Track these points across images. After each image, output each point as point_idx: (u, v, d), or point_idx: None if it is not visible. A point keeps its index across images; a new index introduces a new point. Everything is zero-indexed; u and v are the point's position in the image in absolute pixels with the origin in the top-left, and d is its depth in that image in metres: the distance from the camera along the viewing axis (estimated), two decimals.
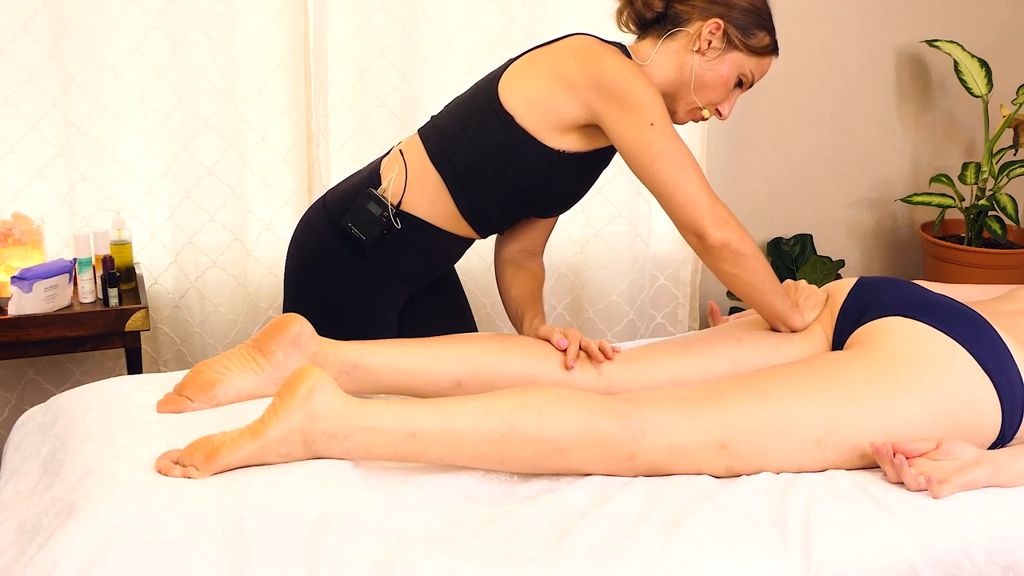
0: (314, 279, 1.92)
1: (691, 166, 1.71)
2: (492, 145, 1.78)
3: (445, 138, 1.83)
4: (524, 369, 1.70)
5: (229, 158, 2.62)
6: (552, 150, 1.77)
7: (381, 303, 1.92)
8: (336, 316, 1.88)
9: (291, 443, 1.42)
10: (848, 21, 3.25)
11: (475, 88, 1.86)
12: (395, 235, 1.85)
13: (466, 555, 1.30)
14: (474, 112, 1.81)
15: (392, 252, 1.87)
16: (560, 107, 1.74)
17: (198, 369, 1.66)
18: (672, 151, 1.70)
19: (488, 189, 1.82)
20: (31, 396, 2.65)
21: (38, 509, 1.37)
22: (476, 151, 1.79)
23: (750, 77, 1.80)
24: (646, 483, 1.48)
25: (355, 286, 1.88)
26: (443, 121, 1.87)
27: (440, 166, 1.82)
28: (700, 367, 1.74)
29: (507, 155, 1.78)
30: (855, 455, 1.53)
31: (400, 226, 1.84)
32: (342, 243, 1.87)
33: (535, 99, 1.75)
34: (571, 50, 1.77)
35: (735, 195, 3.27)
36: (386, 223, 1.83)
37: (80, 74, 2.46)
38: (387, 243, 1.86)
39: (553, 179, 1.81)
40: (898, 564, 1.34)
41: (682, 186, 1.70)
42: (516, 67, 1.81)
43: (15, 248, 2.39)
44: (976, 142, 3.53)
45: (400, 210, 1.84)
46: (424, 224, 1.85)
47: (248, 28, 2.56)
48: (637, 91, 1.70)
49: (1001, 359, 1.58)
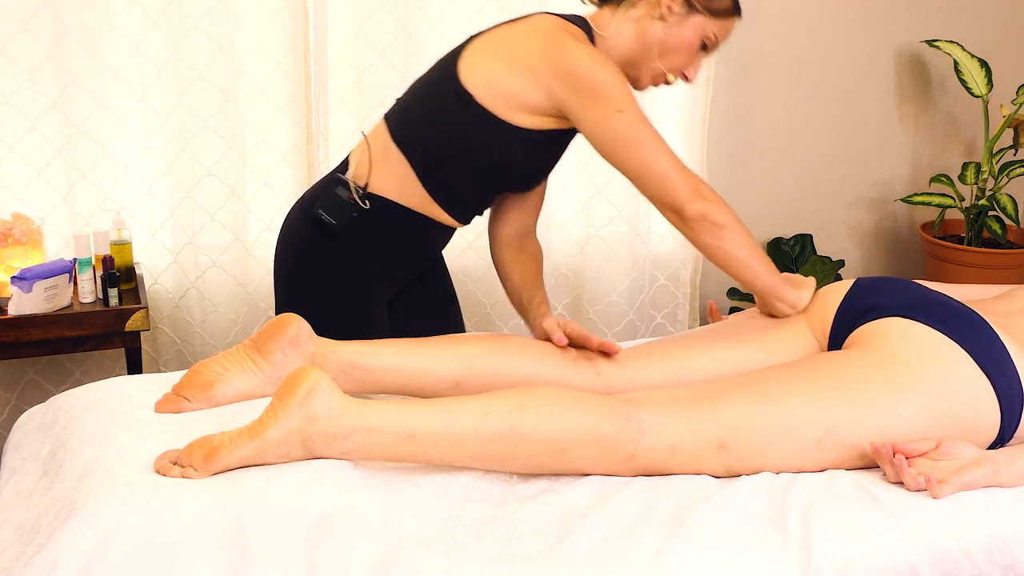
0: (299, 276, 1.91)
1: (660, 146, 1.71)
2: (452, 123, 1.78)
3: (406, 118, 1.84)
4: (523, 369, 1.70)
5: (229, 158, 2.62)
6: (514, 127, 1.76)
7: (367, 292, 1.91)
8: (325, 310, 1.87)
9: (290, 444, 1.42)
10: (848, 21, 3.25)
11: (435, 67, 1.86)
12: (368, 218, 1.84)
13: (466, 555, 1.30)
14: (434, 92, 1.81)
15: (369, 237, 1.86)
16: (522, 92, 1.73)
17: (196, 369, 1.66)
18: (641, 135, 1.70)
19: (451, 168, 1.81)
20: (31, 396, 2.65)
21: (38, 509, 1.37)
22: (436, 131, 1.79)
23: (714, 40, 1.79)
24: (646, 483, 1.48)
25: (338, 276, 1.88)
26: (404, 101, 1.87)
27: (403, 147, 1.82)
28: (699, 367, 1.74)
29: (468, 134, 1.77)
30: (855, 455, 1.53)
31: (369, 207, 1.83)
32: (317, 233, 1.87)
33: (496, 82, 1.74)
34: (533, 34, 1.75)
35: (735, 195, 3.27)
36: (354, 205, 1.82)
37: (80, 74, 2.46)
38: (361, 227, 1.85)
39: (516, 156, 1.80)
40: (898, 564, 1.34)
41: (653, 167, 1.70)
42: (476, 47, 1.79)
43: (15, 248, 2.39)
44: (976, 142, 3.53)
45: (368, 192, 1.83)
46: (395, 206, 1.84)
47: (248, 28, 2.56)
48: (602, 78, 1.69)
49: (1000, 359, 1.58)
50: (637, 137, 1.70)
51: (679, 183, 1.70)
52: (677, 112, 3.02)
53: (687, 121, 3.03)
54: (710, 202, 1.70)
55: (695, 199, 1.70)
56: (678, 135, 3.05)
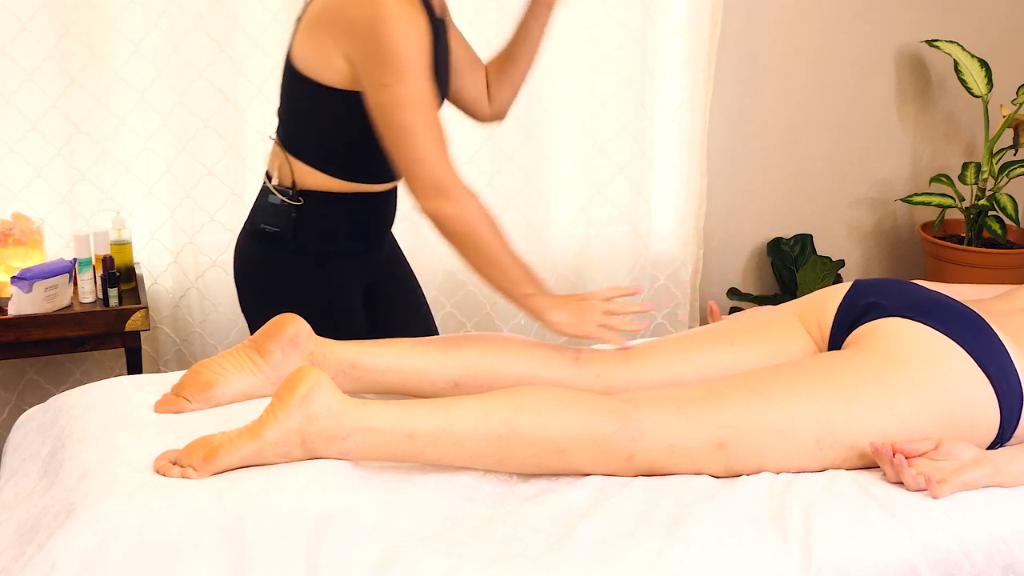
0: (264, 293, 1.90)
1: (419, 133, 1.64)
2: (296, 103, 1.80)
3: (279, 119, 1.87)
4: (523, 370, 1.70)
5: (229, 158, 2.62)
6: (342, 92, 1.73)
7: (335, 287, 1.90)
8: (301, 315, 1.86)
9: (289, 444, 1.42)
10: (848, 21, 3.25)
11: None
12: (307, 215, 1.84)
13: (466, 555, 1.30)
14: (282, 84, 1.83)
15: (316, 232, 1.85)
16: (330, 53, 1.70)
17: (196, 369, 1.66)
18: (399, 118, 1.64)
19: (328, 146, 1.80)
20: (31, 396, 2.65)
21: (37, 509, 1.37)
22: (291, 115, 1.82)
23: None
24: (646, 483, 1.48)
25: (302, 280, 1.87)
26: None
27: (286, 145, 1.84)
28: (699, 367, 1.73)
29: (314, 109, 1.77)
30: (854, 455, 1.53)
31: (303, 202, 1.83)
32: (268, 246, 1.87)
33: (312, 50, 1.72)
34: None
35: (735, 195, 3.27)
36: (290, 206, 1.83)
37: (80, 74, 2.46)
38: (305, 225, 1.84)
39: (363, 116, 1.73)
40: (898, 564, 1.34)
41: (402, 152, 1.66)
42: (300, 24, 1.77)
43: (15, 248, 2.39)
44: (976, 142, 3.53)
45: (298, 190, 1.83)
46: (324, 194, 1.84)
47: (248, 28, 2.56)
48: (386, 41, 1.61)
49: (999, 358, 1.58)
50: (396, 120, 1.65)
51: (422, 179, 1.65)
52: (677, 112, 3.02)
53: (687, 121, 3.03)
54: (450, 203, 1.65)
55: (432, 198, 1.65)
56: (678, 135, 3.05)
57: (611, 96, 2.91)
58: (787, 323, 1.80)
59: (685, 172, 3.07)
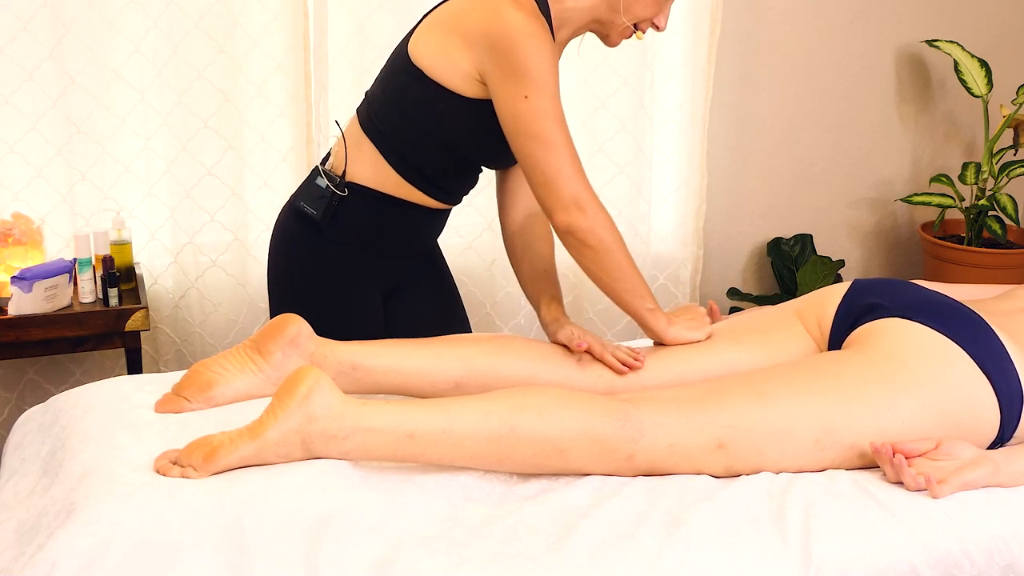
0: (291, 274, 1.92)
1: (557, 146, 1.66)
2: (409, 102, 1.78)
3: (371, 104, 1.85)
4: (523, 370, 1.70)
5: (229, 158, 2.62)
6: (466, 99, 1.74)
7: (358, 281, 1.90)
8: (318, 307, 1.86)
9: (290, 444, 1.42)
10: (848, 21, 3.25)
11: (392, 54, 1.87)
12: (351, 207, 1.84)
13: (466, 555, 1.30)
14: (391, 74, 1.82)
15: (353, 226, 1.86)
16: (458, 59, 1.71)
17: (196, 369, 1.66)
18: (541, 129, 1.66)
19: (417, 148, 1.81)
20: (31, 396, 2.65)
21: (37, 509, 1.37)
22: (397, 111, 1.79)
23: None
24: (646, 483, 1.48)
25: (326, 268, 1.88)
26: (370, 90, 1.88)
27: (369, 131, 1.83)
28: (699, 367, 1.74)
29: (425, 109, 1.77)
30: (854, 455, 1.53)
31: (347, 194, 1.83)
32: (303, 226, 1.88)
33: (438, 52, 1.73)
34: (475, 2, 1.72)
35: (735, 195, 3.27)
36: (333, 194, 1.83)
37: (80, 74, 2.46)
38: (345, 217, 1.85)
39: (475, 127, 1.77)
40: (898, 564, 1.34)
41: (540, 165, 1.66)
42: (424, 24, 1.80)
43: (15, 248, 2.39)
44: (976, 142, 3.53)
45: (345, 180, 1.84)
46: (374, 192, 1.84)
47: (248, 28, 2.56)
48: (524, 56, 1.64)
49: (999, 358, 1.58)
50: (535, 129, 1.66)
51: (560, 191, 1.66)
52: (677, 112, 3.02)
53: (687, 121, 3.03)
54: (587, 217, 1.66)
55: (570, 211, 1.66)
56: (678, 135, 3.05)
57: (611, 96, 2.91)
58: (787, 322, 1.80)
59: (685, 172, 3.07)
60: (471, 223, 2.88)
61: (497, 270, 2.93)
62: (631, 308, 1.75)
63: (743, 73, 3.16)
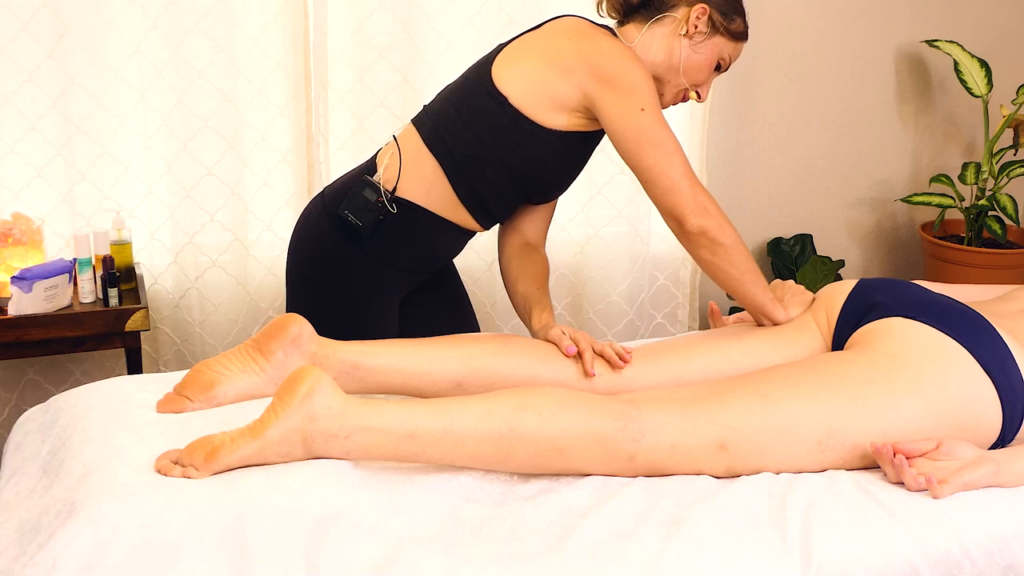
0: (315, 272, 1.92)
1: (677, 152, 1.74)
2: (487, 127, 1.80)
3: (440, 123, 1.85)
4: (524, 370, 1.70)
5: (229, 158, 2.62)
6: (547, 129, 1.79)
7: (381, 294, 1.92)
8: (338, 309, 1.88)
9: (291, 443, 1.42)
10: (848, 21, 3.25)
11: (468, 73, 1.88)
12: (392, 222, 1.85)
13: (466, 555, 1.30)
14: (468, 96, 1.83)
15: (390, 240, 1.87)
16: (554, 88, 1.76)
17: (198, 369, 1.66)
18: (660, 137, 1.73)
19: (484, 172, 1.83)
20: (31, 396, 2.65)
21: (38, 509, 1.37)
22: (471, 134, 1.81)
23: (727, 61, 1.86)
24: (646, 483, 1.48)
25: (355, 276, 1.89)
26: (437, 107, 1.88)
27: (436, 151, 1.84)
28: (700, 367, 1.74)
29: (502, 136, 1.79)
30: (855, 455, 1.53)
31: (396, 211, 1.84)
32: (340, 233, 1.88)
33: (529, 80, 1.77)
34: (565, 31, 1.79)
35: (735, 195, 3.27)
36: (381, 208, 1.84)
37: (80, 74, 2.46)
38: (384, 230, 1.86)
39: (548, 158, 1.82)
40: (898, 564, 1.34)
41: (666, 172, 1.74)
42: (510, 50, 1.83)
43: (15, 248, 2.39)
44: (976, 142, 3.53)
45: (395, 196, 1.85)
46: (421, 210, 1.86)
47: (248, 28, 2.56)
48: (631, 75, 1.73)
49: (1002, 359, 1.58)
50: (654, 138, 1.73)
51: (687, 194, 1.73)
52: (677, 112, 3.02)
53: (687, 121, 3.03)
54: (713, 218, 1.74)
55: (699, 213, 1.73)
56: (678, 135, 3.03)
57: None
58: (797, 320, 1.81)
59: None
60: None
61: (497, 270, 2.93)
62: (756, 301, 1.81)
63: (743, 73, 3.16)
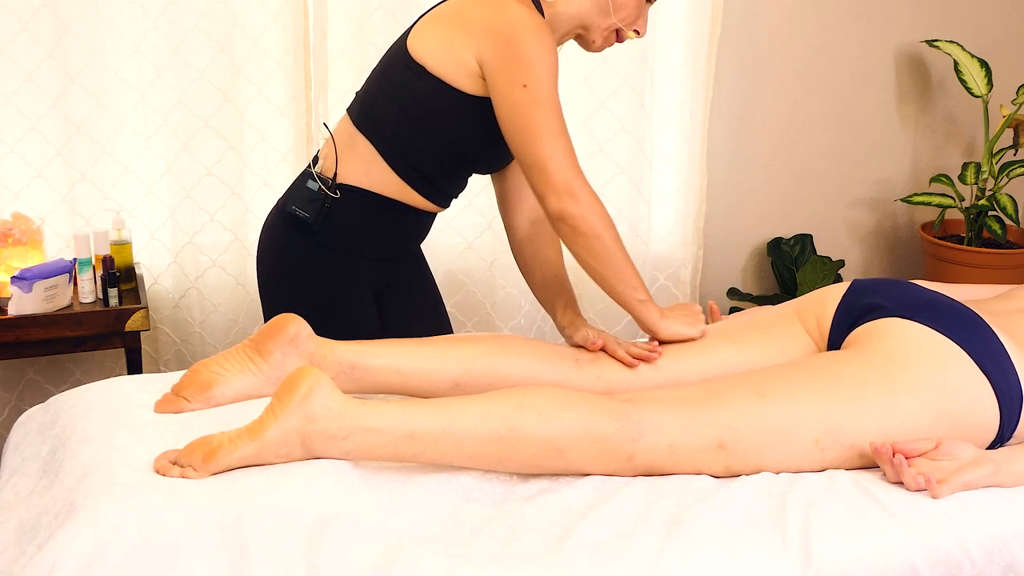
0: (282, 275, 1.91)
1: (554, 134, 1.67)
2: (408, 98, 1.78)
3: (366, 103, 1.85)
4: (523, 370, 1.70)
5: (229, 158, 2.62)
6: (465, 94, 1.76)
7: (350, 284, 1.90)
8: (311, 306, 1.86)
9: (289, 444, 1.42)
10: (848, 21, 3.25)
11: (388, 51, 1.88)
12: (341, 209, 1.84)
13: (466, 555, 1.30)
14: (388, 71, 1.83)
15: (345, 228, 1.86)
16: (459, 52, 1.73)
17: (196, 369, 1.66)
18: (537, 118, 1.67)
19: (415, 144, 1.81)
20: (31, 396, 2.65)
21: (38, 509, 1.37)
22: (396, 107, 1.80)
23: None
24: (646, 483, 1.48)
25: (317, 271, 1.88)
26: (363, 89, 1.89)
27: (365, 131, 1.83)
28: (699, 367, 1.74)
29: (424, 104, 1.77)
30: (854, 455, 1.53)
31: (339, 196, 1.83)
32: (294, 230, 1.87)
33: (440, 46, 1.75)
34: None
35: (735, 195, 3.27)
36: (325, 196, 1.83)
37: (80, 74, 2.46)
38: (337, 219, 1.85)
39: (472, 124, 1.79)
40: (898, 564, 1.34)
41: (533, 152, 1.68)
42: (424, 20, 1.81)
43: (15, 248, 2.39)
44: (976, 142, 3.53)
45: (337, 182, 1.84)
46: (366, 193, 1.84)
47: (248, 28, 2.56)
48: (525, 47, 1.67)
49: (998, 359, 1.58)
50: (531, 118, 1.67)
51: (553, 176, 1.67)
52: (677, 112, 3.02)
53: (687, 121, 3.03)
54: (578, 204, 1.67)
55: (561, 197, 1.67)
56: (678, 135, 3.05)
57: (611, 96, 2.91)
58: (787, 322, 1.80)
59: (685, 172, 3.07)
60: (471, 223, 2.88)
61: (497, 270, 2.93)
62: (623, 299, 1.75)
63: (743, 73, 3.16)
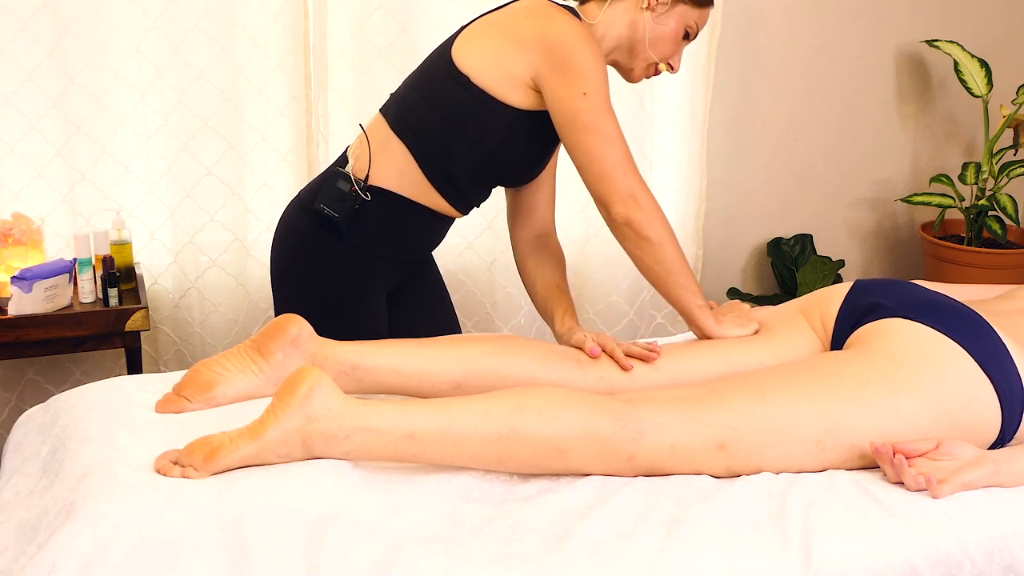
0: (298, 270, 1.92)
1: (614, 141, 1.73)
2: (451, 107, 1.80)
3: (405, 107, 1.86)
4: (524, 370, 1.70)
5: (229, 158, 2.62)
6: (509, 107, 1.78)
7: (367, 285, 1.91)
8: (327, 304, 1.87)
9: (290, 444, 1.42)
10: (848, 21, 3.25)
11: (429, 58, 1.89)
12: (368, 210, 1.85)
13: (466, 555, 1.30)
14: (430, 78, 1.84)
15: (369, 229, 1.87)
16: (510, 64, 1.76)
17: (197, 369, 1.66)
18: (598, 124, 1.72)
19: (451, 152, 1.83)
20: (31, 396, 2.65)
21: (38, 509, 1.37)
22: (436, 115, 1.81)
23: (695, 28, 1.85)
24: (646, 483, 1.48)
25: (338, 270, 1.89)
26: (401, 93, 1.89)
27: (402, 135, 1.84)
28: (699, 367, 1.74)
29: (465, 115, 1.79)
30: (855, 455, 1.53)
31: (370, 198, 1.84)
32: (319, 227, 1.88)
33: (487, 57, 1.77)
34: (524, 10, 1.80)
35: (735, 195, 3.27)
36: (356, 198, 1.84)
37: (80, 74, 2.46)
38: (362, 220, 1.86)
39: (511, 137, 1.82)
40: (898, 564, 1.34)
41: (598, 159, 1.72)
42: (469, 30, 1.83)
43: (15, 248, 2.39)
44: (976, 142, 3.53)
45: (368, 184, 1.85)
46: (395, 196, 1.86)
47: (248, 28, 2.56)
48: (579, 57, 1.72)
49: (1000, 359, 1.58)
50: (593, 124, 1.72)
51: (617, 182, 1.72)
52: (677, 112, 3.02)
53: (687, 121, 3.03)
54: (642, 210, 1.72)
55: (626, 203, 1.72)
56: (678, 135, 3.05)
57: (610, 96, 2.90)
58: (792, 320, 1.81)
59: (685, 172, 3.07)
60: (471, 223, 2.88)
61: (497, 270, 2.93)
62: (681, 303, 1.79)
63: (743, 73, 3.16)
